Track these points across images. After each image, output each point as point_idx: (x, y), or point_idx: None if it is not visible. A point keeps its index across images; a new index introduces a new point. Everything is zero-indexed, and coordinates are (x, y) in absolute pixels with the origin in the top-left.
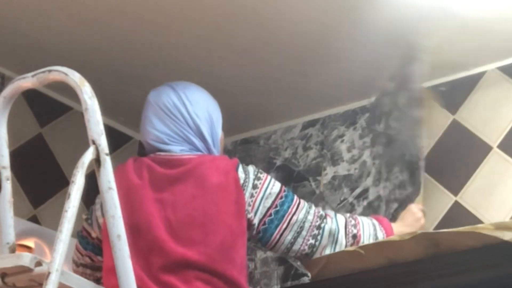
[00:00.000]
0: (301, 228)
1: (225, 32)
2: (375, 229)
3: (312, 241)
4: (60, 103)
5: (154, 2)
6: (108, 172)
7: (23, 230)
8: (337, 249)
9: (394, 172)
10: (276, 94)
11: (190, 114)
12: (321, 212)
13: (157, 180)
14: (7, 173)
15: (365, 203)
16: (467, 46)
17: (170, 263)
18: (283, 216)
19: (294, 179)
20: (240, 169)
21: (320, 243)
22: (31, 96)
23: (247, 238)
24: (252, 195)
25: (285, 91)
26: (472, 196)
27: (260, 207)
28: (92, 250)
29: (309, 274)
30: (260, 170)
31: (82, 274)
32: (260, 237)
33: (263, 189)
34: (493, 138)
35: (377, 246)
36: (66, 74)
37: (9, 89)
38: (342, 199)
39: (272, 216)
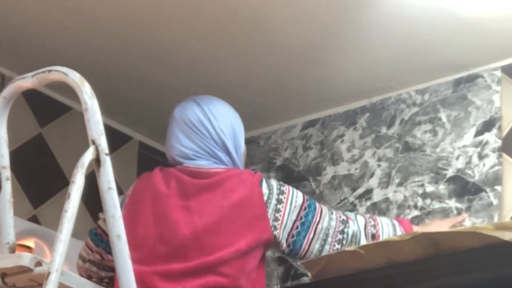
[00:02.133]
0: (327, 235)
1: (225, 32)
2: (394, 229)
3: (338, 246)
4: (60, 103)
5: (154, 2)
6: (108, 172)
7: (23, 230)
8: (361, 241)
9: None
10: (276, 94)
11: (216, 129)
12: (342, 216)
13: (185, 189)
14: (7, 173)
15: (368, 203)
16: (467, 46)
17: (190, 269)
18: (309, 227)
19: (294, 179)
20: (264, 184)
21: (344, 247)
22: (31, 96)
23: (267, 250)
24: (278, 210)
25: (285, 91)
26: None
27: (288, 222)
28: (104, 248)
29: (309, 274)
30: (282, 183)
31: (87, 271)
32: (290, 249)
33: (288, 203)
34: None
35: (377, 246)
36: (66, 74)
37: (9, 89)
38: (342, 198)
39: (299, 228)
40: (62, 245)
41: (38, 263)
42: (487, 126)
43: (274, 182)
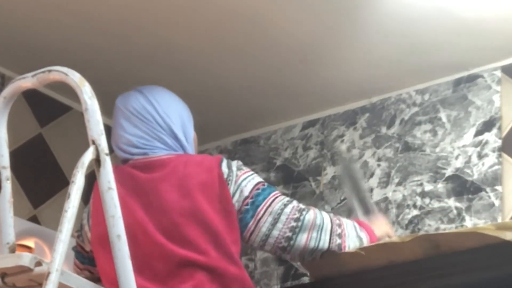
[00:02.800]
0: (276, 220)
1: (225, 32)
2: (355, 230)
3: (289, 233)
4: (60, 103)
5: (154, 2)
6: (108, 172)
7: (23, 230)
8: (323, 235)
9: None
10: (276, 94)
11: (160, 113)
12: (303, 206)
13: (142, 186)
14: (7, 173)
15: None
16: (467, 46)
17: (174, 266)
18: (258, 207)
19: (294, 179)
20: (224, 164)
21: (297, 236)
22: (31, 96)
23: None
24: (235, 184)
25: (285, 91)
26: None
27: (239, 196)
28: (89, 263)
29: (309, 274)
30: (244, 165)
31: None
32: (239, 223)
33: (242, 177)
34: None
35: (378, 247)
36: (66, 74)
37: (9, 89)
38: (342, 198)
39: (248, 206)
40: (62, 245)
41: (38, 263)
42: (487, 126)
43: (234, 162)
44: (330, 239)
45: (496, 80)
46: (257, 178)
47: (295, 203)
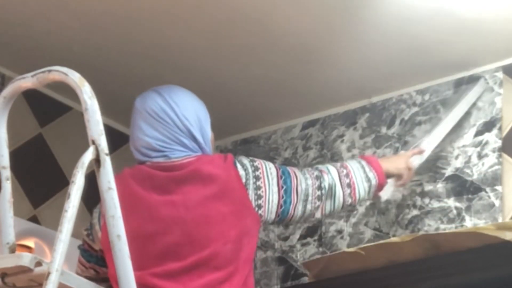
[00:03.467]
0: (307, 195)
1: (225, 32)
2: (364, 171)
3: (318, 202)
4: (60, 103)
5: (154, 2)
6: (108, 172)
7: (23, 230)
8: (336, 202)
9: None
10: (276, 94)
11: (179, 116)
12: (316, 172)
13: (162, 184)
14: (7, 173)
15: (367, 203)
16: (467, 46)
17: (187, 267)
18: (291, 192)
19: None
20: (238, 165)
21: (323, 201)
22: (31, 96)
23: (258, 229)
24: (259, 187)
25: (285, 91)
26: None
27: (273, 195)
28: (96, 262)
29: (309, 274)
30: (253, 158)
31: None
32: (279, 219)
33: (265, 177)
34: None
35: (378, 247)
36: (66, 74)
37: (9, 89)
38: None
39: (284, 197)
40: (62, 245)
41: (38, 263)
42: (488, 126)
43: (246, 161)
44: (343, 194)
45: (498, 82)
46: (272, 166)
47: (308, 173)
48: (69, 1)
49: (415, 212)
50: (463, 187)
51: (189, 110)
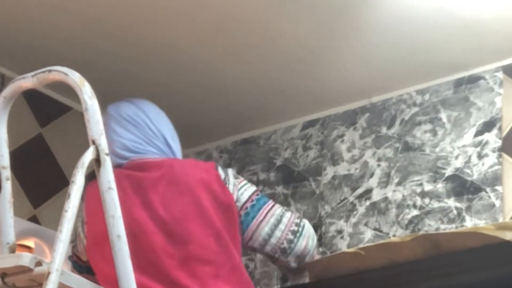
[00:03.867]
0: (278, 221)
1: (225, 32)
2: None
3: (291, 236)
4: (60, 103)
5: (155, 2)
6: (108, 172)
7: (23, 230)
8: (313, 243)
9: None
10: (276, 94)
11: (152, 121)
12: (298, 214)
13: (139, 184)
14: (7, 173)
15: (367, 203)
16: (467, 46)
17: (176, 262)
18: (260, 209)
19: (294, 179)
20: (219, 168)
21: (298, 240)
22: (31, 96)
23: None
24: (235, 186)
25: (285, 91)
26: None
27: (239, 202)
28: (87, 272)
29: (308, 274)
30: (235, 172)
31: None
32: (242, 230)
33: (241, 184)
34: None
35: (378, 247)
36: (66, 74)
37: (9, 89)
38: (342, 198)
39: (248, 210)
40: (62, 245)
41: (38, 263)
42: (488, 126)
43: (230, 169)
44: (315, 248)
45: (498, 82)
46: (253, 187)
47: (291, 212)
48: (69, 1)
49: (415, 212)
50: (463, 187)
51: (161, 120)
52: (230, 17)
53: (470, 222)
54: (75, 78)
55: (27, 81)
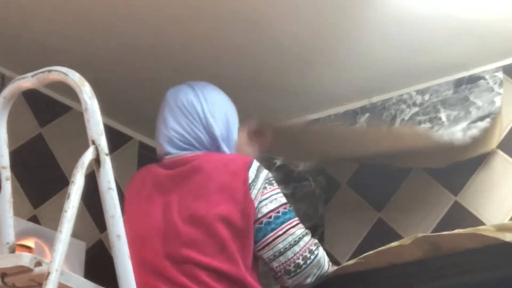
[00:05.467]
0: (295, 242)
1: (225, 32)
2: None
3: (301, 261)
4: (60, 103)
5: (154, 2)
6: (108, 172)
7: (23, 230)
8: (319, 276)
9: None
10: (276, 94)
11: (205, 113)
12: (316, 241)
13: (162, 183)
14: (7, 173)
15: None
16: (467, 46)
17: (180, 266)
18: (282, 223)
19: (294, 179)
20: (253, 168)
21: (307, 267)
22: (31, 96)
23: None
24: (260, 193)
25: (285, 91)
26: (472, 196)
27: (264, 208)
28: None
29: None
30: (272, 178)
31: None
32: (257, 238)
33: (271, 192)
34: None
35: (378, 254)
36: (66, 74)
37: (9, 89)
38: None
39: (272, 219)
40: (62, 245)
41: (38, 263)
42: (482, 118)
43: (265, 172)
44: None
45: (498, 82)
46: (284, 200)
47: (310, 236)
48: (69, 1)
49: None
50: None
51: (218, 109)
52: (229, 17)
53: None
54: (75, 78)
55: (27, 81)
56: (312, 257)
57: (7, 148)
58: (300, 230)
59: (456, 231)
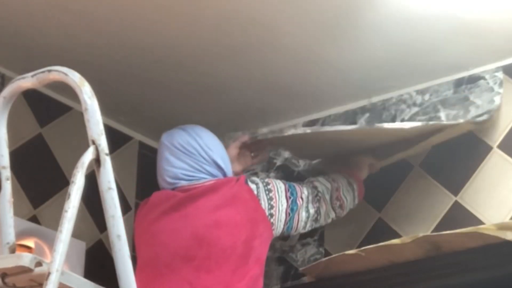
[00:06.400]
0: (307, 201)
1: (225, 32)
2: (347, 183)
3: (317, 204)
4: (60, 103)
5: (154, 2)
6: (108, 172)
7: (23, 230)
8: (331, 212)
9: None
10: (276, 94)
11: (202, 146)
12: (311, 184)
13: (179, 202)
14: (7, 173)
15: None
16: (467, 46)
17: (198, 264)
18: (296, 199)
19: (294, 179)
20: (249, 182)
21: (321, 203)
22: (31, 96)
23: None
24: (271, 199)
25: (285, 91)
26: (472, 196)
27: (281, 211)
28: None
29: (307, 275)
30: (263, 178)
31: None
32: (287, 227)
33: (276, 192)
34: (493, 138)
35: (378, 249)
36: (66, 74)
37: (9, 89)
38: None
39: (290, 215)
40: (62, 245)
41: (38, 263)
42: (481, 115)
43: (256, 179)
44: (333, 208)
45: (498, 82)
46: (281, 183)
47: (311, 196)
48: (69, 1)
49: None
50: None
51: (211, 141)
52: (230, 17)
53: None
54: (75, 78)
55: (27, 81)
56: (320, 194)
57: (7, 148)
58: (304, 191)
59: (456, 230)
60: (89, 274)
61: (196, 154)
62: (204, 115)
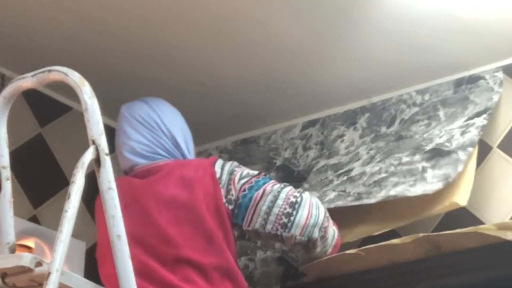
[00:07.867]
0: (276, 197)
1: (225, 32)
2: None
3: (289, 209)
4: (60, 103)
5: (154, 2)
6: (108, 172)
7: (23, 230)
8: (320, 214)
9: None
10: (276, 94)
11: (164, 122)
12: (300, 189)
13: (138, 190)
14: (7, 173)
15: (345, 177)
16: (467, 46)
17: (167, 261)
18: (258, 189)
19: (294, 179)
20: (218, 164)
21: (297, 211)
22: (31, 96)
23: (230, 228)
24: (229, 184)
25: (285, 91)
26: (472, 196)
27: (237, 185)
28: None
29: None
30: (238, 164)
31: None
32: (236, 213)
33: (240, 172)
34: (493, 138)
35: (378, 248)
36: (66, 74)
37: (9, 89)
38: (323, 178)
39: (246, 192)
40: (62, 245)
41: (38, 263)
42: (479, 114)
43: (229, 162)
44: (324, 217)
45: (498, 82)
46: (254, 172)
47: (291, 187)
48: (69, 1)
49: (383, 175)
50: (438, 154)
51: (174, 120)
52: (230, 17)
53: (432, 172)
54: (75, 78)
55: (27, 81)
56: (299, 199)
57: (7, 148)
58: (276, 185)
59: (456, 230)
60: (89, 274)
61: (156, 128)
62: (204, 115)
